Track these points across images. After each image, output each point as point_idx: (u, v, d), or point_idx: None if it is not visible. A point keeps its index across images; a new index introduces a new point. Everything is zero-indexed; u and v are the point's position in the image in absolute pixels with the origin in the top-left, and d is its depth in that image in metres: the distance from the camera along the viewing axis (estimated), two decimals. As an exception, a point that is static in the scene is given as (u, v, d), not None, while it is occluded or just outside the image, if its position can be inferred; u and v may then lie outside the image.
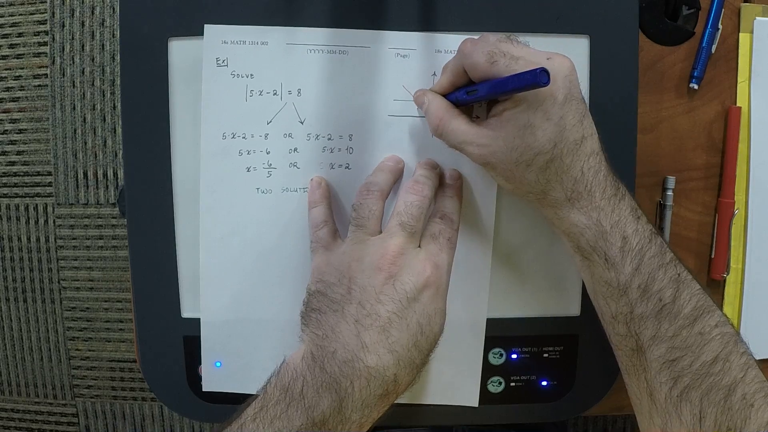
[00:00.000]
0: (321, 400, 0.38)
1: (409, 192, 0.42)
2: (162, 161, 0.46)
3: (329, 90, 0.45)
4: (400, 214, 0.41)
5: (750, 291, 0.55)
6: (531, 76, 0.35)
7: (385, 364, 0.38)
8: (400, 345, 0.38)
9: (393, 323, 0.38)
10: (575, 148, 0.38)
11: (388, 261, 0.39)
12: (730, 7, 0.53)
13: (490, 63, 0.38)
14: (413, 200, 0.41)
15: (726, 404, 0.37)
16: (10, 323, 1.31)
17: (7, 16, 1.24)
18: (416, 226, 0.41)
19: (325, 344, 0.39)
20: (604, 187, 0.39)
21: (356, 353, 0.38)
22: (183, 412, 0.49)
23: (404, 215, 0.41)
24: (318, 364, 0.38)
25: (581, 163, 0.39)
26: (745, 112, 0.53)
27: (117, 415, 1.32)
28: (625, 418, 0.44)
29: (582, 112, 0.39)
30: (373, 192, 0.42)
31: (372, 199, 0.42)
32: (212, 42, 0.44)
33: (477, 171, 0.46)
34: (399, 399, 0.48)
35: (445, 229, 0.42)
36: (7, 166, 1.28)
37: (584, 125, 0.39)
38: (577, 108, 0.39)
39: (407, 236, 0.40)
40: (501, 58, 0.38)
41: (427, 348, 0.40)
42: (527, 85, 0.35)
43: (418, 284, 0.39)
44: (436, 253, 0.41)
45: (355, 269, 0.40)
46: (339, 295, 0.40)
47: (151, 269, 0.47)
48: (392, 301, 0.39)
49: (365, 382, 0.38)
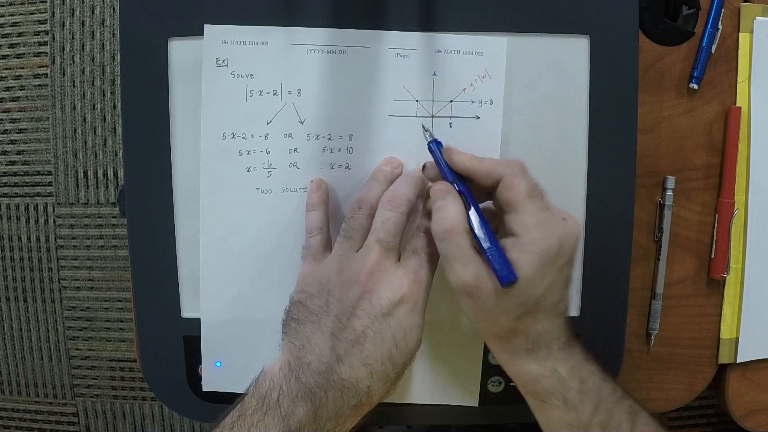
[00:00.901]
0: (297, 409, 0.38)
1: (386, 208, 0.41)
2: (162, 161, 0.46)
3: (329, 90, 0.45)
4: (377, 230, 0.41)
5: (750, 291, 0.54)
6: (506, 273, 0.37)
7: (359, 376, 0.39)
8: (374, 359, 0.39)
9: (367, 337, 0.39)
10: (551, 309, 0.39)
11: (364, 276, 0.40)
12: (730, 7, 0.53)
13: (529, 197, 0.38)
14: (389, 216, 0.41)
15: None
16: (10, 323, 1.31)
17: (7, 16, 1.23)
18: (393, 242, 0.41)
19: (302, 355, 0.40)
20: (559, 338, 0.40)
21: (330, 365, 0.39)
22: (183, 412, 0.49)
23: (381, 231, 0.41)
24: (294, 374, 0.39)
25: (550, 321, 0.40)
26: (745, 112, 0.53)
27: (117, 415, 1.32)
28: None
29: (570, 278, 0.40)
30: (364, 209, 0.42)
31: (362, 215, 0.42)
32: (212, 42, 0.44)
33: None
34: (399, 399, 0.48)
35: (427, 243, 0.42)
36: (7, 165, 1.28)
37: (566, 290, 0.40)
38: (568, 274, 0.40)
39: (384, 252, 0.40)
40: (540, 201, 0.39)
41: (402, 362, 0.40)
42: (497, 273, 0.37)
43: (394, 299, 0.39)
44: (415, 268, 0.41)
45: (334, 282, 0.41)
46: (317, 306, 0.41)
47: (151, 269, 0.47)
48: (367, 315, 0.39)
49: (339, 393, 0.39)
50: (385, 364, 0.39)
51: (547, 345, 0.40)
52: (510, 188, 0.39)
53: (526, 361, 0.40)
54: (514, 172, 0.39)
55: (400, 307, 0.40)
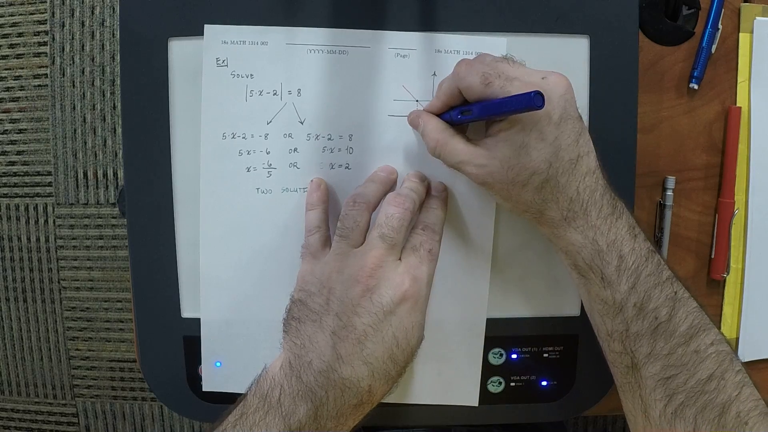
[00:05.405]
0: (297, 409, 0.38)
1: (390, 204, 0.42)
2: (162, 161, 0.46)
3: (329, 90, 0.45)
4: (380, 226, 0.41)
5: (750, 291, 0.55)
6: (525, 99, 0.35)
7: (360, 375, 0.39)
8: (375, 357, 0.39)
9: (368, 336, 0.39)
10: (570, 168, 0.39)
11: (366, 274, 0.40)
12: (730, 7, 0.53)
13: (484, 84, 0.38)
14: (393, 212, 0.41)
15: (720, 422, 0.37)
16: (10, 323, 1.31)
17: (7, 16, 1.23)
18: (396, 238, 0.41)
19: (302, 354, 0.40)
20: (600, 206, 0.39)
21: (331, 364, 0.39)
22: (183, 412, 0.49)
23: (384, 227, 0.41)
24: (295, 373, 0.39)
25: (577, 182, 0.39)
26: (745, 112, 0.53)
27: (117, 415, 1.32)
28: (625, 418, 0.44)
29: (578, 131, 0.39)
30: (360, 204, 0.42)
31: (358, 210, 0.42)
32: (212, 42, 0.44)
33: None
34: (399, 399, 0.48)
35: (426, 240, 0.42)
36: (7, 166, 1.28)
37: (580, 144, 0.39)
38: (573, 127, 0.39)
39: (387, 248, 0.40)
40: (496, 80, 0.38)
41: (403, 360, 0.40)
42: (521, 108, 0.36)
43: (395, 297, 0.39)
44: (415, 265, 0.41)
45: (335, 280, 0.40)
46: (318, 305, 0.41)
47: (151, 269, 0.47)
48: (368, 313, 0.39)
49: (340, 393, 0.39)
50: (386, 363, 0.39)
51: (584, 211, 0.39)
52: (468, 91, 0.40)
53: (567, 231, 0.40)
54: (460, 77, 0.40)
55: (402, 305, 0.40)
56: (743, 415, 0.37)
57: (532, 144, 0.38)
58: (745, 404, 0.37)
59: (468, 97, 0.41)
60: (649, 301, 0.39)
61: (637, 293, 0.39)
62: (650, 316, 0.39)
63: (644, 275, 0.39)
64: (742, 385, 0.38)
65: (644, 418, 0.40)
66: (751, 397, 0.38)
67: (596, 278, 0.40)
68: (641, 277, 0.39)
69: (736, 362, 0.39)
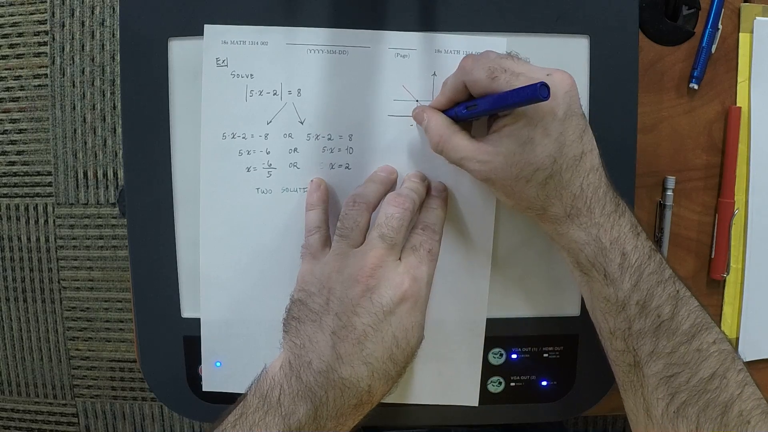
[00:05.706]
0: (297, 409, 0.38)
1: (390, 204, 0.41)
2: (162, 161, 0.46)
3: (329, 90, 0.45)
4: (380, 226, 0.41)
5: (750, 291, 0.55)
6: (531, 90, 0.35)
7: (359, 375, 0.39)
8: (375, 357, 0.39)
9: (368, 336, 0.39)
10: (574, 164, 0.39)
11: (366, 274, 0.39)
12: (730, 7, 0.53)
13: (490, 78, 0.38)
14: (393, 212, 0.41)
15: (722, 421, 0.37)
16: (10, 323, 1.31)
17: (7, 16, 1.23)
18: (396, 238, 0.41)
19: (302, 354, 0.40)
20: (603, 204, 0.39)
21: (331, 364, 0.39)
22: (183, 412, 0.49)
23: (384, 227, 0.41)
24: (294, 373, 0.39)
25: (580, 179, 0.39)
26: (745, 112, 0.53)
27: (117, 415, 1.32)
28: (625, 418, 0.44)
29: (582, 128, 0.39)
30: (360, 204, 0.42)
31: (357, 210, 0.42)
32: (212, 42, 0.44)
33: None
34: (399, 399, 0.48)
35: (425, 240, 0.42)
36: (7, 166, 1.28)
37: (584, 141, 0.39)
38: (577, 124, 0.39)
39: (386, 248, 0.40)
40: (502, 74, 0.38)
41: (403, 360, 0.40)
42: (527, 99, 0.35)
43: (395, 297, 0.39)
44: (415, 265, 0.41)
45: (335, 280, 0.40)
46: (318, 305, 0.41)
47: (151, 269, 0.47)
48: (368, 313, 0.39)
49: (339, 393, 0.39)
50: (386, 363, 0.39)
51: (587, 208, 0.39)
52: (474, 85, 0.40)
53: (570, 228, 0.40)
54: (466, 72, 0.40)
55: (402, 305, 0.40)
56: (745, 414, 0.37)
57: (537, 139, 0.38)
58: (748, 403, 0.37)
59: (474, 91, 0.40)
60: (652, 299, 0.39)
61: (639, 291, 0.39)
62: (653, 314, 0.39)
63: (647, 273, 0.39)
64: (744, 384, 0.38)
65: (646, 417, 0.40)
66: (754, 396, 0.38)
67: (599, 276, 0.40)
68: (644, 275, 0.39)
69: (738, 361, 0.39)
